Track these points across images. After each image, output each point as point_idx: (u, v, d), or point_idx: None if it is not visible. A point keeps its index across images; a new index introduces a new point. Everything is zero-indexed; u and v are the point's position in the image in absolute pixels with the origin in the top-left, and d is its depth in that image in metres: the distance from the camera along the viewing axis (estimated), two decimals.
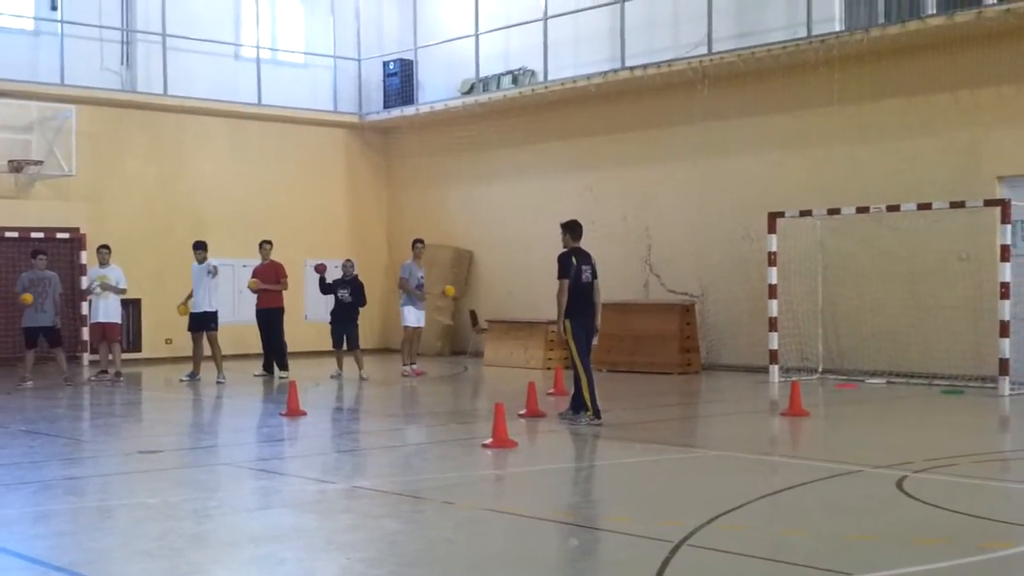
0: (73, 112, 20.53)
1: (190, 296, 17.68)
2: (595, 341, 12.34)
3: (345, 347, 18.36)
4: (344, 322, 18.32)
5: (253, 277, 18.52)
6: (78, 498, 8.59)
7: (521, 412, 12.62)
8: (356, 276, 18.64)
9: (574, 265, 12.04)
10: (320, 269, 18.48)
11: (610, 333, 19.14)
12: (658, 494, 8.65)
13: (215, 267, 17.54)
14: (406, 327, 18.60)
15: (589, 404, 12.02)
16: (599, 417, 12.03)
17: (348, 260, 18.98)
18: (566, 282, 12.02)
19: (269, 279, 18.38)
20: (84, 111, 20.79)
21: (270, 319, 18.38)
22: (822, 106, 17.79)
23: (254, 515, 7.92)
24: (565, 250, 12.24)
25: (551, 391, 15.11)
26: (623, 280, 20.35)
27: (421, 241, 19.13)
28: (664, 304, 19.18)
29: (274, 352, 18.44)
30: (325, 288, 18.45)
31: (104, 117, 21.39)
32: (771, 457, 10.72)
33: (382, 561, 6.49)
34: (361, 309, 18.55)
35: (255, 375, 18.39)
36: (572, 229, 12.37)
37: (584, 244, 21.06)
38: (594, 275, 12.29)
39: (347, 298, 18.29)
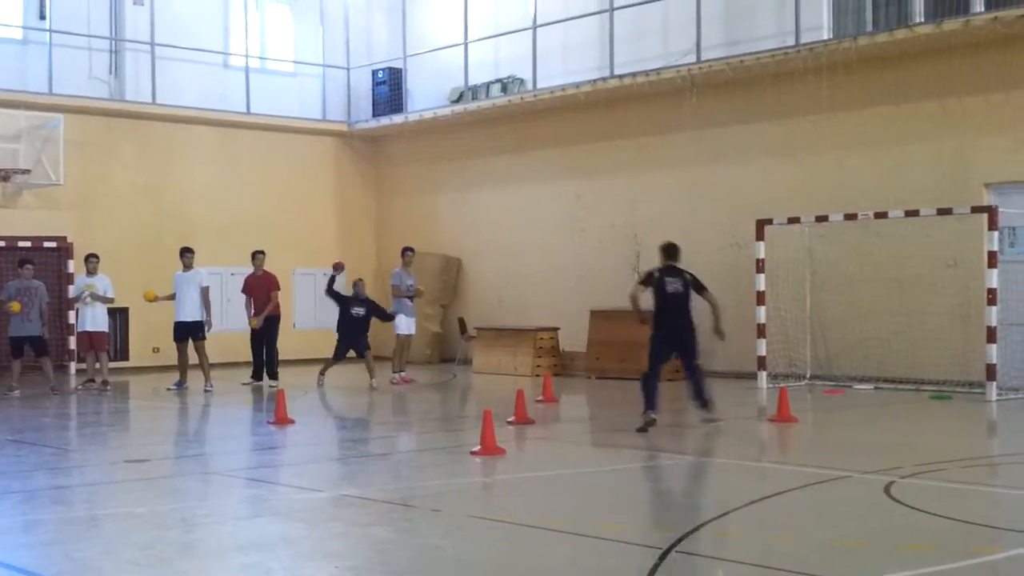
0: (61, 121, 20.49)
1: (169, 297, 17.68)
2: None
3: (346, 354, 18.21)
4: (355, 337, 18.02)
5: (245, 288, 18.63)
6: (65, 507, 8.56)
7: (510, 419, 12.61)
8: (368, 297, 18.50)
9: (656, 278, 12.46)
10: (338, 268, 18.26)
11: (599, 340, 19.25)
12: (647, 500, 8.65)
13: (207, 288, 17.60)
14: (397, 335, 18.61)
15: (643, 398, 12.11)
16: (649, 409, 12.03)
17: (359, 280, 18.67)
18: (640, 287, 12.65)
19: (261, 292, 18.38)
20: (72, 120, 20.75)
21: (267, 327, 18.34)
22: (810, 114, 17.84)
23: (242, 524, 7.90)
24: (652, 268, 12.74)
25: (539, 398, 15.11)
26: (612, 287, 20.35)
27: (411, 249, 19.17)
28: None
29: (267, 360, 18.39)
30: (331, 290, 18.11)
31: (92, 126, 21.36)
32: (759, 463, 10.73)
33: (371, 569, 6.48)
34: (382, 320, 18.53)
35: (243, 383, 18.35)
36: (665, 250, 12.78)
37: (573, 252, 21.28)
38: (688, 287, 12.43)
39: (360, 314, 18.05)
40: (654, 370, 12.36)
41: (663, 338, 12.44)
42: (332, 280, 18.16)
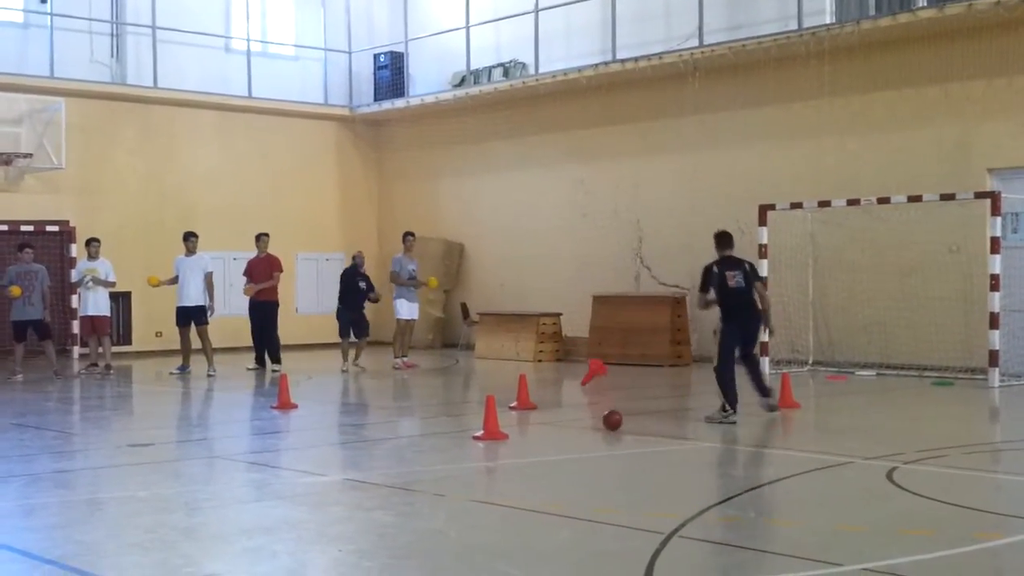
0: (63, 105, 20.47)
1: (171, 281, 17.69)
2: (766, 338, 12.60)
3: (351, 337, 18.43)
4: (359, 313, 18.45)
5: (247, 270, 18.56)
6: (68, 491, 8.58)
7: (512, 404, 12.62)
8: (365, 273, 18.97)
9: (715, 274, 12.04)
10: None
11: (601, 326, 19.25)
12: (649, 485, 8.67)
13: (211, 273, 17.61)
14: (399, 320, 18.62)
15: (723, 398, 11.81)
16: (733, 409, 11.72)
17: (359, 252, 19.26)
18: (702, 295, 12.17)
19: (262, 273, 18.35)
20: (74, 104, 20.73)
21: (265, 313, 18.32)
22: (813, 99, 17.81)
23: (246, 507, 7.92)
24: (709, 262, 12.29)
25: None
26: (614, 273, 20.40)
27: (412, 234, 19.16)
28: (655, 297, 19.19)
29: (267, 346, 18.39)
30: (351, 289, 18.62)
31: (94, 110, 21.34)
32: (762, 449, 10.74)
33: (374, 553, 6.49)
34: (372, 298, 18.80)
35: (248, 368, 18.35)
36: (718, 239, 12.42)
37: (575, 237, 21.27)
38: (748, 279, 12.09)
39: (362, 288, 18.52)
40: (728, 364, 11.99)
41: (733, 331, 12.05)
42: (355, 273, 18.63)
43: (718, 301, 12.10)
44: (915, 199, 15.73)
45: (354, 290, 18.50)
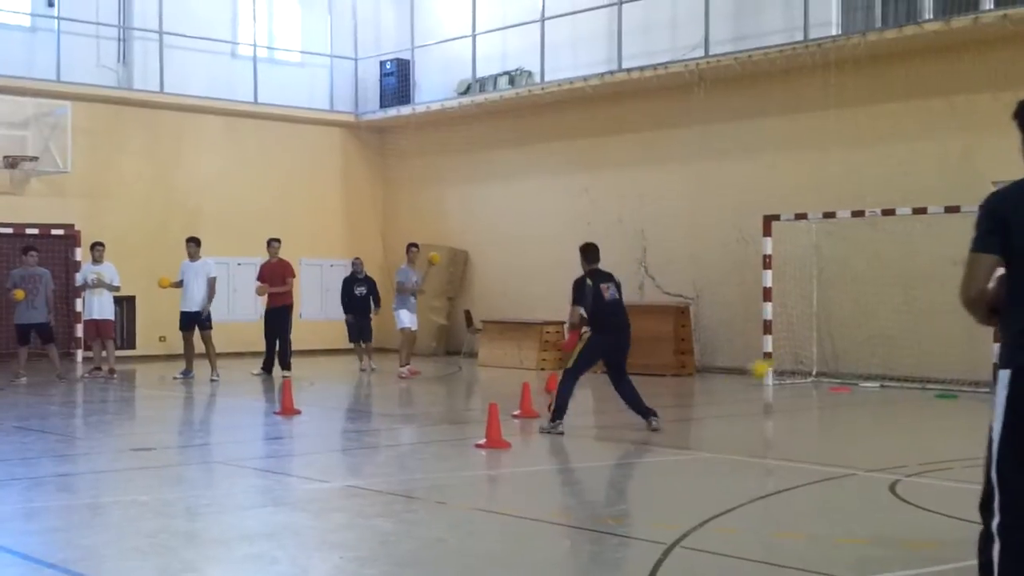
0: (69, 109, 20.50)
1: (178, 285, 17.70)
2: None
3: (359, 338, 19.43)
4: (362, 317, 19.32)
5: (259, 275, 18.63)
6: (70, 495, 8.58)
7: (515, 413, 12.61)
8: (367, 275, 19.75)
9: (590, 287, 11.73)
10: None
11: None
12: (651, 496, 8.66)
13: (214, 278, 17.60)
14: (402, 329, 18.62)
15: (556, 407, 11.49)
16: (558, 420, 11.41)
17: (358, 258, 20.02)
18: (577, 309, 11.77)
19: (275, 280, 18.35)
20: (80, 108, 20.77)
21: (279, 317, 18.31)
22: (818, 110, 17.80)
23: (247, 513, 7.91)
24: (580, 275, 11.99)
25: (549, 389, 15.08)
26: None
27: (415, 245, 19.12)
28: (659, 306, 19.15)
29: (279, 352, 18.34)
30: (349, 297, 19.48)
31: (100, 114, 21.37)
32: (764, 460, 10.72)
33: (375, 560, 6.48)
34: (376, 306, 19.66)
35: (253, 374, 18.33)
36: (585, 252, 12.10)
37: (579, 246, 21.19)
38: (620, 291, 11.97)
39: (362, 293, 19.33)
40: (579, 374, 11.68)
41: (603, 344, 11.73)
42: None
43: (593, 311, 11.66)
44: (920, 211, 15.72)
45: (351, 296, 19.33)
